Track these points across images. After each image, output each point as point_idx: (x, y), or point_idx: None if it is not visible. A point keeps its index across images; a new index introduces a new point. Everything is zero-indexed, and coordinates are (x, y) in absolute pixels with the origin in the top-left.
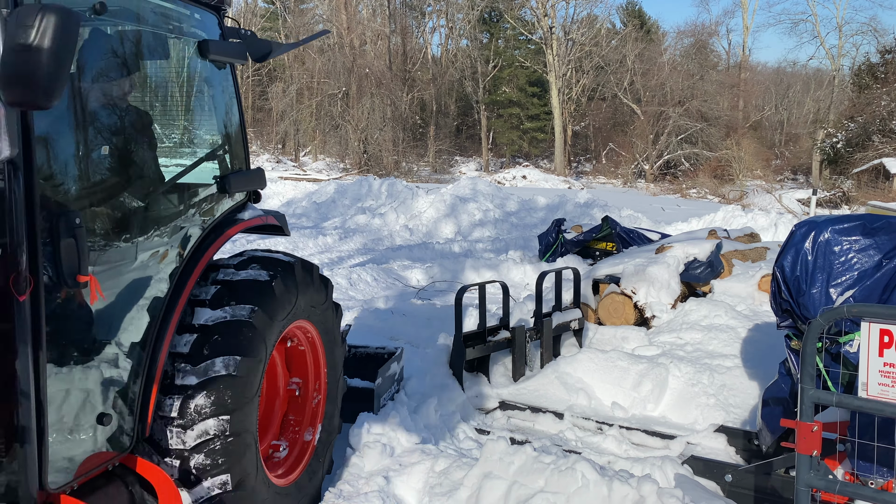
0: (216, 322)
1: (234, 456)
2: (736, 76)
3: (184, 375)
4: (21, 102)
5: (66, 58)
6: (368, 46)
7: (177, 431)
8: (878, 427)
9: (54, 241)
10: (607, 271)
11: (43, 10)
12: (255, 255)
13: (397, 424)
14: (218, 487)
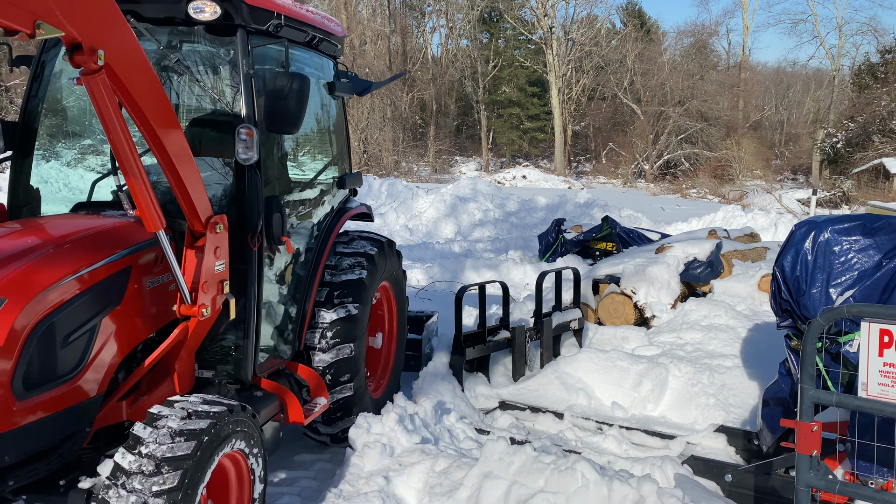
0: (341, 280)
1: (353, 370)
2: (736, 76)
3: (322, 314)
4: (278, 130)
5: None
6: (368, 46)
7: (318, 351)
8: (878, 427)
9: (269, 215)
10: (607, 271)
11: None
12: (361, 234)
13: (397, 424)
14: (346, 391)
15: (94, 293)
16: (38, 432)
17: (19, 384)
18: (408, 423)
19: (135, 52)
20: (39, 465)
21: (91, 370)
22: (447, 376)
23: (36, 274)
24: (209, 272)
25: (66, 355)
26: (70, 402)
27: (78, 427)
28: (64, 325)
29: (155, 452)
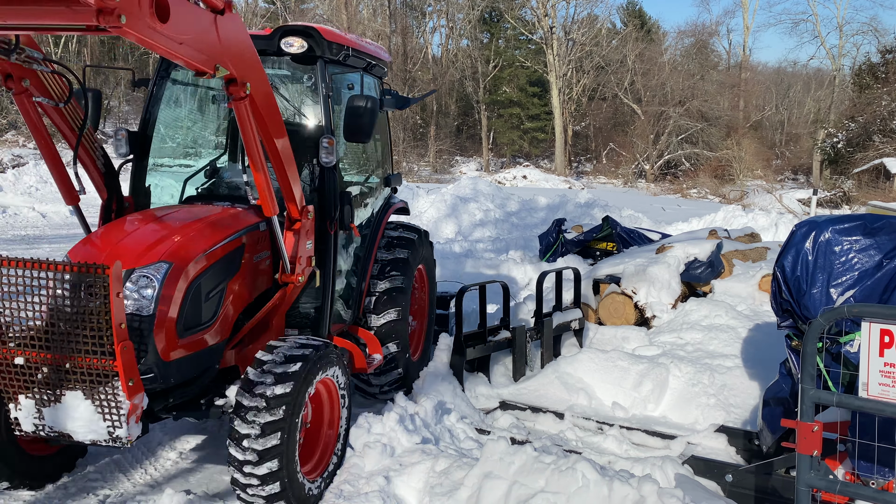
0: (390, 259)
1: (400, 332)
2: (736, 76)
3: (376, 285)
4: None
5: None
6: None
7: (373, 316)
8: (879, 427)
9: (343, 206)
10: (608, 271)
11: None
12: (403, 224)
13: (397, 424)
14: (394, 348)
15: (223, 263)
16: (189, 364)
17: (181, 327)
18: (408, 423)
19: (265, 85)
20: (188, 389)
21: (220, 321)
22: (448, 376)
23: (188, 246)
24: (303, 249)
25: (207, 308)
26: (207, 343)
27: (211, 363)
28: (206, 286)
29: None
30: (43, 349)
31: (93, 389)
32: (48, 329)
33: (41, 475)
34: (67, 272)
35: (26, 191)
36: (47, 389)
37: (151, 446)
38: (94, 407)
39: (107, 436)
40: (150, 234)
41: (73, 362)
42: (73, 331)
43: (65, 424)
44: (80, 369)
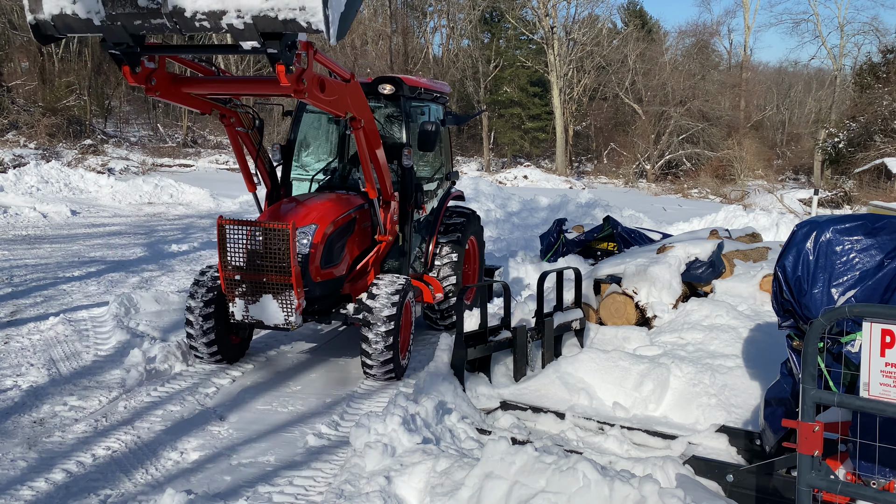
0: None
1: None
2: (737, 76)
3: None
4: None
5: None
6: (370, 46)
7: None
8: (880, 427)
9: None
10: (609, 271)
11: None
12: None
13: (398, 425)
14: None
15: (344, 227)
16: (326, 286)
17: (322, 263)
18: (409, 423)
19: (371, 120)
20: (325, 301)
21: (343, 262)
22: (448, 376)
23: (325, 216)
24: (391, 220)
25: (336, 254)
26: (335, 275)
27: (337, 288)
28: (335, 240)
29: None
30: (251, 271)
31: (277, 294)
32: (254, 259)
33: (234, 355)
34: (268, 227)
35: (27, 191)
36: (251, 295)
37: (152, 446)
38: (278, 304)
39: (283, 322)
40: (306, 208)
41: (267, 278)
42: (269, 260)
43: (260, 315)
44: (272, 282)
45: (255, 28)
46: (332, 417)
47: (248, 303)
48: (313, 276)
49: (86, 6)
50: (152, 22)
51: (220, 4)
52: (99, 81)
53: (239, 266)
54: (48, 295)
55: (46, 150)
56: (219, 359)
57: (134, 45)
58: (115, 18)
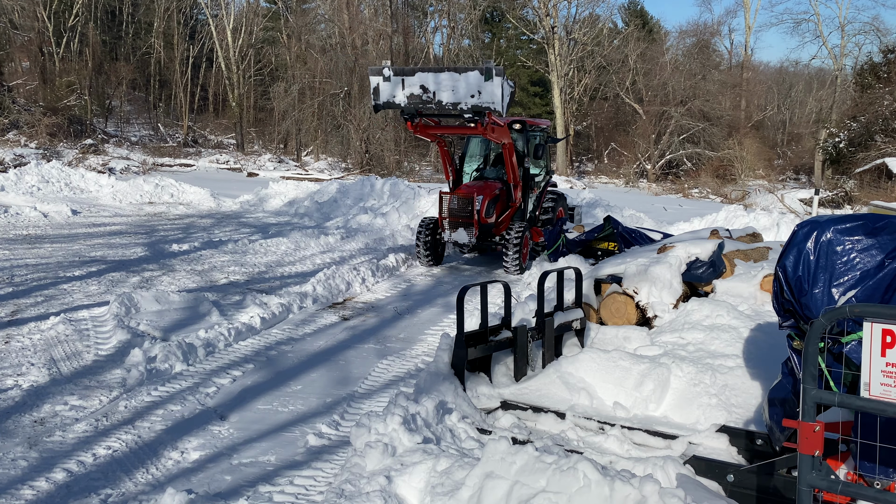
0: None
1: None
2: (738, 76)
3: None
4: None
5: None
6: (370, 46)
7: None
8: (882, 427)
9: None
10: (609, 271)
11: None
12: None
13: (399, 424)
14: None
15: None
16: (485, 227)
17: (484, 215)
18: (409, 422)
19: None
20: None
21: (494, 215)
22: (449, 376)
23: (485, 191)
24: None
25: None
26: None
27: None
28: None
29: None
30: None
31: (467, 228)
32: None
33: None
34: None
35: (28, 190)
36: (454, 228)
37: (153, 445)
38: (466, 233)
39: (468, 242)
40: (477, 187)
41: (463, 219)
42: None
43: (458, 238)
44: (466, 222)
45: (471, 109)
46: (333, 417)
47: (451, 230)
48: (482, 221)
49: (399, 100)
50: (427, 106)
51: (458, 100)
52: (99, 81)
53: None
54: (49, 294)
55: (47, 150)
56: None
57: (416, 114)
58: (411, 105)
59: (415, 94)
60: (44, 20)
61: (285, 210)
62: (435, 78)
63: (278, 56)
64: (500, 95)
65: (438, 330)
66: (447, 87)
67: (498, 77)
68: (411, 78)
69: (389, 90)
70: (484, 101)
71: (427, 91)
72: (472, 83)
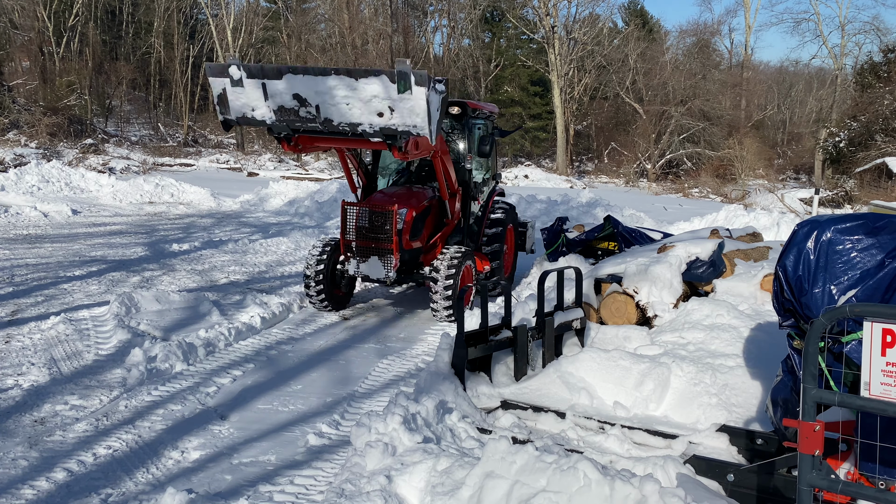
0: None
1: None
2: (738, 75)
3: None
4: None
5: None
6: (370, 46)
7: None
8: (883, 427)
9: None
10: (609, 271)
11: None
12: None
13: (399, 424)
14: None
15: (424, 211)
16: (411, 253)
17: (409, 237)
18: (410, 422)
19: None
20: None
21: (422, 237)
22: (449, 376)
23: (411, 201)
24: (456, 208)
25: (418, 230)
26: (417, 246)
27: (418, 255)
28: (419, 220)
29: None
30: (364, 239)
31: (382, 256)
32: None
33: (338, 305)
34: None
35: (28, 190)
36: (362, 255)
37: (153, 445)
38: (381, 263)
39: (384, 276)
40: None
41: (376, 244)
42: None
43: (368, 272)
44: (380, 247)
45: (380, 133)
46: (333, 417)
47: (359, 262)
48: (405, 245)
49: (261, 114)
50: (308, 125)
51: (357, 119)
52: (100, 81)
53: (354, 235)
54: (49, 294)
55: (47, 150)
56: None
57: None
58: (282, 122)
59: (286, 107)
60: (44, 20)
61: (286, 210)
62: (315, 85)
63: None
64: (427, 112)
65: (438, 329)
66: (338, 99)
67: (420, 88)
68: (276, 83)
69: (244, 99)
70: (401, 122)
71: (306, 104)
72: (378, 95)
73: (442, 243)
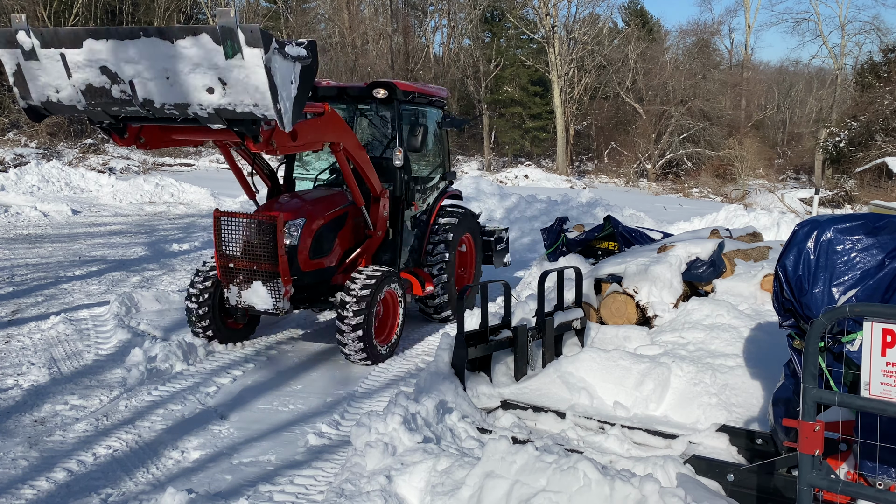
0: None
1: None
2: (738, 75)
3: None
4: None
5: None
6: (370, 46)
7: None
8: (883, 427)
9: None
10: (609, 270)
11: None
12: (456, 205)
13: (399, 424)
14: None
15: (335, 221)
16: (314, 275)
17: (311, 254)
18: (410, 422)
19: (351, 138)
20: (315, 290)
21: (333, 254)
22: (449, 376)
23: (315, 210)
24: (381, 215)
25: (325, 246)
26: (325, 265)
27: (326, 277)
28: (325, 233)
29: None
30: (243, 259)
31: (267, 281)
32: (246, 248)
33: (234, 338)
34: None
35: (28, 190)
36: (244, 281)
37: (153, 445)
38: (268, 290)
39: (272, 307)
40: (299, 204)
41: (258, 266)
42: (259, 249)
43: (252, 301)
44: (262, 270)
45: (217, 116)
46: (333, 417)
47: (240, 289)
48: (302, 267)
49: (68, 96)
50: (128, 109)
51: (184, 99)
52: None
53: (232, 255)
54: (49, 294)
55: (47, 150)
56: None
57: (116, 122)
58: (95, 105)
59: (94, 85)
60: (44, 20)
61: None
62: (125, 53)
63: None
64: (270, 85)
65: (439, 329)
66: (157, 72)
67: (253, 50)
68: (76, 54)
69: (44, 77)
70: (236, 101)
71: (118, 79)
72: (201, 64)
73: (368, 260)
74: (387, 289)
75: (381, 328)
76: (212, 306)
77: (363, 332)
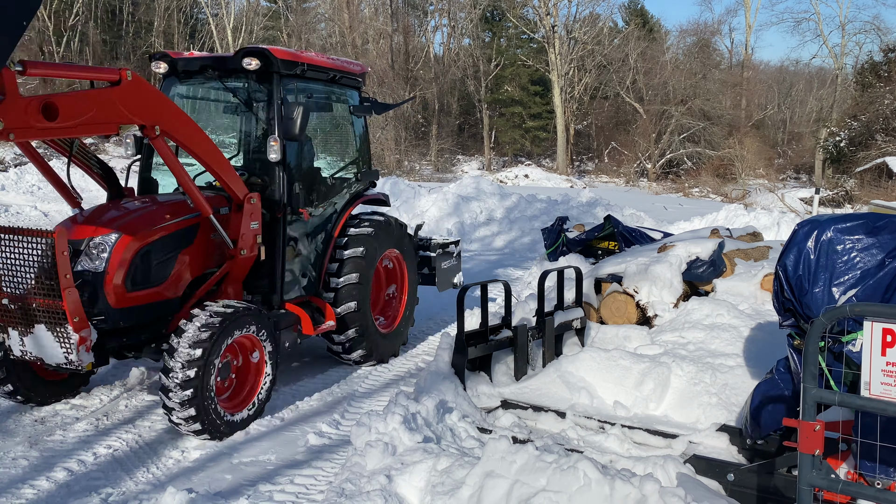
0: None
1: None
2: (738, 75)
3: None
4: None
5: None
6: (371, 45)
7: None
8: (883, 426)
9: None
10: (610, 270)
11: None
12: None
13: (399, 424)
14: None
15: (175, 237)
16: (138, 312)
17: (129, 283)
18: (410, 422)
19: (177, 120)
20: (142, 333)
21: (172, 282)
22: (449, 375)
23: (139, 222)
24: (246, 228)
25: (156, 272)
26: (157, 298)
27: (161, 314)
28: (155, 253)
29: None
30: (19, 294)
31: (51, 325)
32: (23, 278)
33: (50, 396)
34: (26, 237)
35: (28, 189)
36: (25, 324)
37: (154, 445)
38: (54, 337)
39: (64, 361)
40: (114, 213)
41: (37, 303)
42: (36, 279)
43: (38, 351)
44: (42, 308)
45: None
46: (333, 416)
47: (23, 335)
48: (114, 302)
49: None
50: None
51: None
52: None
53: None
54: None
55: (47, 149)
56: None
57: None
58: None
59: None
60: (44, 19)
61: None
62: None
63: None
64: None
65: (439, 330)
66: None
67: None
68: None
69: None
70: None
71: None
72: None
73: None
74: (239, 333)
75: (239, 388)
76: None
77: (194, 393)
